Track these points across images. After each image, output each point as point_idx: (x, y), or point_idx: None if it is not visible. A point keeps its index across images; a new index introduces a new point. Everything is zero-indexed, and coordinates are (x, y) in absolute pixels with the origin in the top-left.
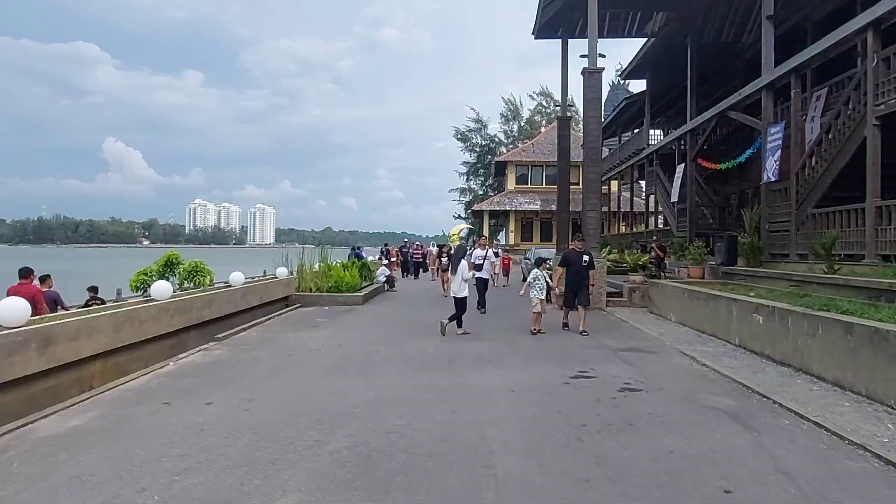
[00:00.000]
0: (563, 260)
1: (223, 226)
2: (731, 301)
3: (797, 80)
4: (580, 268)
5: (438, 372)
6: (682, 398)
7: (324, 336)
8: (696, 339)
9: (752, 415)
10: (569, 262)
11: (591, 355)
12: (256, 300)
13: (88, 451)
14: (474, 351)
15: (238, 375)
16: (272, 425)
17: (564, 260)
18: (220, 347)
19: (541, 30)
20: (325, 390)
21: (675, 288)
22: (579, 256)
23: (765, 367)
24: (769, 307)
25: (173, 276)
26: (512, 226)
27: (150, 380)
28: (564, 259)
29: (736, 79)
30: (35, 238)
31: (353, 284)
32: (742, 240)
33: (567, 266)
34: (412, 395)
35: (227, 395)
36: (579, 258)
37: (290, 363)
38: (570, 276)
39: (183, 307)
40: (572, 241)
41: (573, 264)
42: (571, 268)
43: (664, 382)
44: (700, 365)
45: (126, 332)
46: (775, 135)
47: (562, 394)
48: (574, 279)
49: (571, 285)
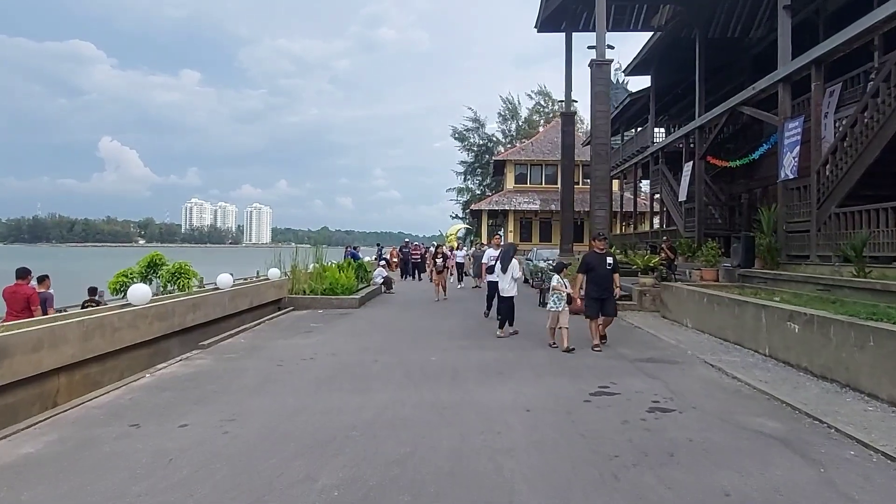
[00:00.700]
0: (583, 264)
1: (219, 225)
2: (759, 307)
3: (818, 72)
4: (605, 272)
5: (442, 386)
6: (719, 419)
7: (317, 343)
8: (719, 347)
9: (807, 442)
10: (591, 267)
11: (608, 367)
12: (246, 304)
13: (35, 487)
14: (480, 361)
15: (220, 389)
16: (253, 454)
17: (585, 264)
18: (204, 356)
19: (544, 23)
20: (316, 408)
21: (691, 291)
22: (602, 259)
23: (804, 382)
24: (806, 315)
25: (157, 278)
26: (511, 226)
27: (122, 394)
28: (585, 263)
29: (744, 74)
30: (30, 237)
31: (349, 286)
32: (759, 241)
33: (588, 271)
34: (414, 416)
35: (205, 414)
36: (602, 261)
37: (279, 375)
38: (595, 281)
39: (163, 312)
40: (594, 242)
41: (596, 268)
42: (594, 272)
43: (696, 399)
44: (730, 378)
45: (97, 342)
46: (794, 130)
47: (583, 414)
48: (599, 284)
49: (596, 292)
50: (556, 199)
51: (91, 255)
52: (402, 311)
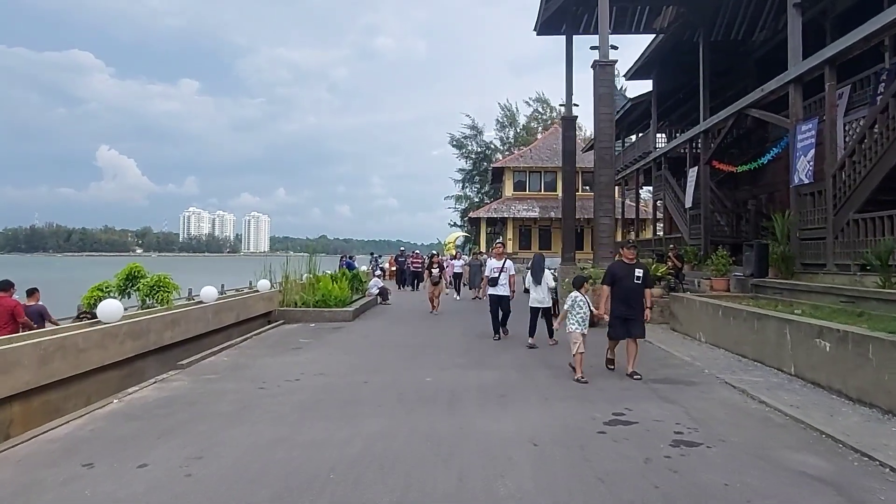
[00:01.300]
0: (608, 275)
1: (217, 234)
2: (783, 322)
3: (832, 71)
4: (633, 285)
5: (438, 413)
6: (754, 455)
7: (305, 361)
8: (737, 365)
9: (861, 487)
10: (617, 278)
11: (620, 389)
12: (232, 318)
13: None
14: (480, 382)
15: (193, 418)
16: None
17: (611, 275)
18: (182, 377)
19: (543, 25)
20: (296, 441)
21: (704, 303)
22: (630, 271)
23: (839, 407)
24: (839, 331)
25: (135, 292)
26: (510, 233)
27: (83, 424)
28: (611, 274)
29: (747, 78)
30: (27, 246)
31: (343, 298)
32: (773, 249)
33: (614, 284)
34: (406, 451)
35: (170, 451)
36: (630, 273)
37: (259, 400)
38: (620, 296)
39: (137, 330)
40: (622, 251)
41: (623, 281)
42: (621, 285)
43: (722, 430)
44: (756, 402)
45: (57, 365)
46: (807, 133)
47: (598, 449)
48: (625, 301)
49: (621, 309)
50: (556, 206)
51: (87, 264)
52: (397, 325)
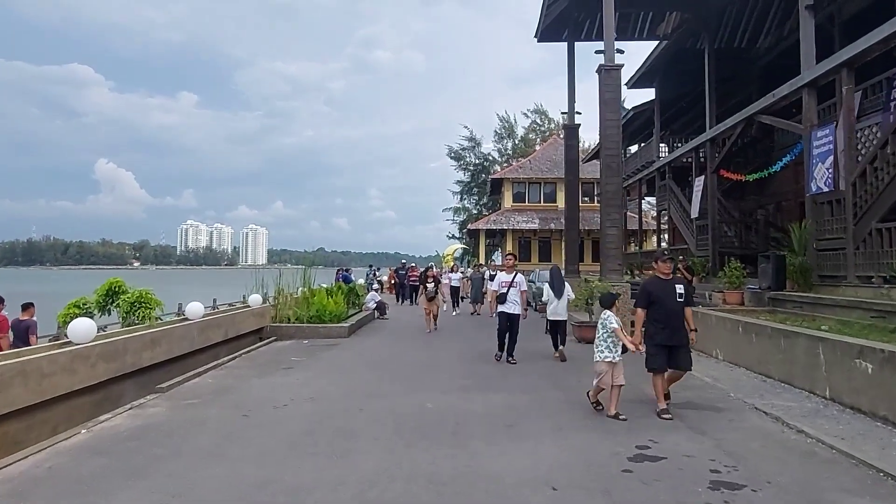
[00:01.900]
0: (644, 295)
1: (215, 247)
2: (815, 340)
3: (850, 74)
4: (675, 305)
5: (441, 447)
6: (809, 501)
7: (296, 383)
8: (764, 386)
9: None
10: (655, 298)
11: (639, 415)
12: (220, 335)
13: None
14: (486, 408)
15: (168, 453)
16: None
17: (646, 295)
18: (160, 403)
19: (544, 32)
20: (281, 483)
21: (721, 318)
22: (670, 289)
23: (890, 438)
24: (884, 352)
25: (116, 309)
26: (509, 245)
27: (41, 461)
28: (646, 294)
29: (751, 85)
30: (24, 260)
31: (338, 313)
32: (791, 260)
33: (650, 305)
34: (404, 498)
35: (137, 496)
36: (671, 291)
37: (243, 430)
38: (660, 319)
39: (111, 352)
40: (656, 265)
41: (663, 301)
42: (661, 306)
43: (764, 467)
44: (795, 432)
45: (17, 393)
46: (823, 139)
47: (626, 492)
48: (666, 325)
49: (663, 335)
50: (556, 217)
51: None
52: (395, 342)
